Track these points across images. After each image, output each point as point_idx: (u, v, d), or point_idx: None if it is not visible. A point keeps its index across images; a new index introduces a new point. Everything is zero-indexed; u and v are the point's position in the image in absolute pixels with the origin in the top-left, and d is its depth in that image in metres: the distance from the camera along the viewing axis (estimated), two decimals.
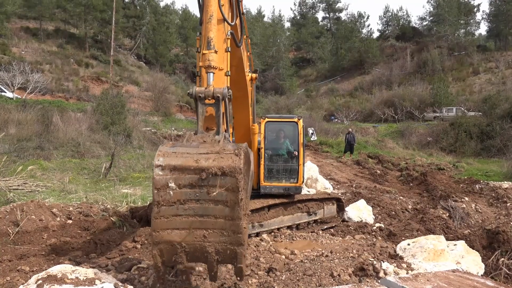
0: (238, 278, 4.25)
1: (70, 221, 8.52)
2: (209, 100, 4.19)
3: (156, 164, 3.81)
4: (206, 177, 3.76)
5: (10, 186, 11.69)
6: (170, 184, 3.81)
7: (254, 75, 8.30)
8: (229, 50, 4.79)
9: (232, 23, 4.96)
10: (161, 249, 3.97)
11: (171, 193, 3.83)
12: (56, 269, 4.91)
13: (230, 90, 4.30)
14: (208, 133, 4.22)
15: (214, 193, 3.78)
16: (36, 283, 4.61)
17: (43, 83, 31.11)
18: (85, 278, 4.77)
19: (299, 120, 9.20)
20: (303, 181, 9.39)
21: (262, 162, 8.91)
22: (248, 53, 7.90)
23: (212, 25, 4.47)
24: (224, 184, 3.76)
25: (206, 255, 3.97)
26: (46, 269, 5.18)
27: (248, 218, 4.35)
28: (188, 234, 3.90)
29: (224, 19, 4.73)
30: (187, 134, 4.23)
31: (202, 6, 4.76)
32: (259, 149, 9.02)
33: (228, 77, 4.69)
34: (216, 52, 4.37)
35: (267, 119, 9.19)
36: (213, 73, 4.33)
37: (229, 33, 4.82)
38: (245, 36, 6.75)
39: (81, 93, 37.36)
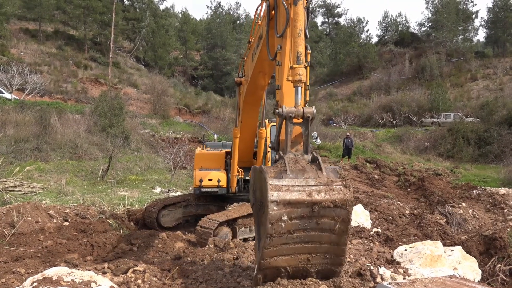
0: None
1: (66, 223, 8.49)
2: (297, 119, 4.29)
3: (271, 200, 3.88)
4: (319, 210, 3.97)
5: (7, 188, 11.66)
6: (283, 218, 3.94)
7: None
8: (309, 64, 4.70)
9: (308, 38, 4.85)
10: (266, 274, 4.19)
11: (283, 225, 3.98)
12: (52, 272, 4.89)
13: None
14: (297, 152, 4.35)
15: (325, 224, 4.03)
16: (31, 285, 4.58)
17: (41, 85, 31.07)
18: (81, 280, 4.74)
19: None
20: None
21: (269, 165, 8.88)
22: None
23: (301, 40, 4.47)
24: (334, 214, 4.01)
25: (307, 275, 4.25)
26: (41, 271, 5.15)
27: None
28: (292, 259, 4.14)
29: (306, 35, 4.65)
30: (284, 158, 4.23)
31: (278, 19, 4.78)
32: (265, 153, 8.98)
33: (308, 91, 4.65)
34: (305, 66, 4.41)
35: (272, 123, 9.19)
36: (301, 87, 4.37)
37: (309, 48, 4.70)
38: None
39: (80, 95, 37.32)
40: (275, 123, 9.22)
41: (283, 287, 4.17)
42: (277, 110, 4.39)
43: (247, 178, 9.36)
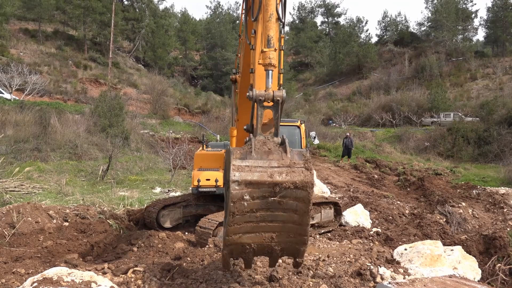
0: (296, 269, 4.97)
1: (66, 224, 8.49)
2: (267, 103, 4.41)
3: (232, 180, 4.04)
4: (280, 190, 4.07)
5: (7, 188, 11.66)
6: (245, 197, 4.10)
7: None
8: (283, 48, 4.86)
9: (284, 22, 4.91)
10: (231, 250, 4.40)
11: (245, 204, 4.13)
12: (52, 272, 4.89)
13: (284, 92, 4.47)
14: (267, 135, 4.46)
15: (287, 205, 4.14)
16: (31, 285, 4.58)
17: (41, 85, 31.07)
18: (81, 281, 4.74)
19: (301, 124, 9.19)
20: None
21: None
22: None
23: (272, 24, 4.51)
24: (295, 195, 4.10)
25: (272, 252, 4.44)
26: (41, 272, 5.15)
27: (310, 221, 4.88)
28: (258, 236, 4.31)
29: (279, 18, 4.68)
30: (251, 140, 4.35)
31: (254, 4, 4.74)
32: None
33: (282, 74, 4.76)
34: (275, 50, 4.44)
35: None
36: (272, 70, 4.42)
37: (283, 32, 4.83)
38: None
39: (79, 95, 37.30)
40: None
41: (283, 287, 4.25)
42: (247, 94, 4.45)
43: None
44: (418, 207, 13.13)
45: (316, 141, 29.54)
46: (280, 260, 6.61)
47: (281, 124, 10.24)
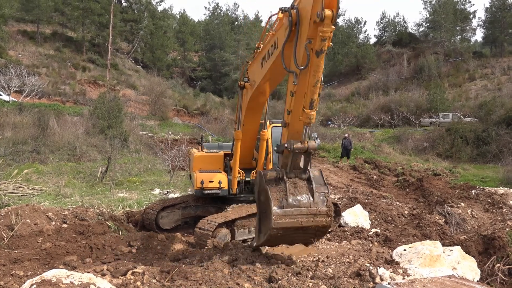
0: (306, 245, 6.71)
1: (65, 225, 8.48)
2: (301, 150, 5.45)
3: (272, 227, 5.53)
4: (306, 229, 5.72)
5: (5, 190, 11.64)
6: (280, 232, 5.68)
7: None
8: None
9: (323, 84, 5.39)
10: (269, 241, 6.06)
11: (279, 233, 5.71)
12: (51, 274, 4.88)
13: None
14: (296, 172, 5.65)
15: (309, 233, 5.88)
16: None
17: (39, 87, 31.05)
18: (80, 282, 4.73)
19: None
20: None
21: (271, 166, 8.89)
22: None
23: (317, 89, 5.09)
24: (317, 231, 5.83)
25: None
26: (40, 274, 5.14)
27: None
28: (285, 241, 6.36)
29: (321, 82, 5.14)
30: (286, 183, 5.57)
31: (297, 53, 5.11)
32: (267, 154, 8.99)
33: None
34: (316, 111, 5.21)
35: (273, 124, 9.19)
36: (309, 127, 5.37)
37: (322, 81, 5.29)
38: None
39: (78, 96, 37.25)
40: (276, 124, 9.23)
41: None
42: (285, 145, 5.45)
43: (247, 179, 9.37)
44: (417, 208, 13.13)
45: (318, 142, 29.57)
46: (279, 262, 6.62)
47: (280, 125, 10.28)
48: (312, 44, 4.89)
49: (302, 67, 5.06)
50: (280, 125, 9.40)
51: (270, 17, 6.45)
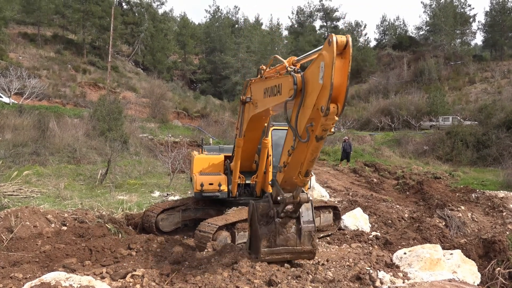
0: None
1: (65, 228, 8.46)
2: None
3: (261, 261, 6.07)
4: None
5: (5, 192, 11.62)
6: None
7: None
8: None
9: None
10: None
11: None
12: (50, 277, 4.87)
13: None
14: (287, 214, 6.03)
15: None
16: None
17: (40, 89, 31.09)
18: (79, 285, 4.72)
19: None
20: (309, 187, 9.37)
21: (270, 169, 8.88)
22: None
23: (314, 163, 5.35)
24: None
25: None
26: (39, 277, 5.13)
27: None
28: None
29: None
30: (278, 223, 6.06)
31: (297, 127, 5.13)
32: (268, 156, 8.98)
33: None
34: (310, 177, 5.53)
35: (273, 127, 9.18)
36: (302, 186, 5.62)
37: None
38: None
39: (78, 99, 37.29)
40: (277, 127, 9.23)
41: None
42: (279, 198, 5.83)
43: (247, 182, 9.37)
44: (417, 211, 13.12)
45: None
46: (279, 265, 6.62)
47: (280, 128, 10.25)
48: (314, 127, 4.77)
49: (303, 140, 4.97)
50: (280, 128, 9.44)
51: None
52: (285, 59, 6.26)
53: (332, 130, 4.88)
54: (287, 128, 9.76)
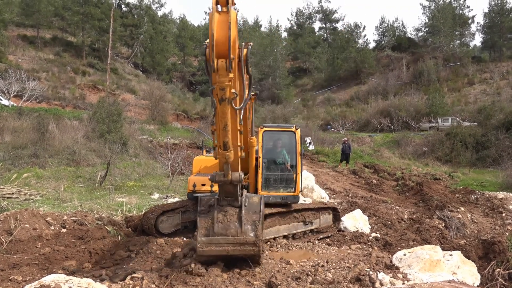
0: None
1: (64, 230, 8.45)
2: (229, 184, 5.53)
3: (198, 254, 5.73)
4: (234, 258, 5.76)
5: (4, 194, 11.61)
6: (209, 258, 5.82)
7: (253, 97, 8.51)
8: (242, 133, 5.57)
9: (242, 106, 5.33)
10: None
11: (210, 259, 5.85)
12: (50, 279, 4.87)
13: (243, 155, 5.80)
14: (228, 201, 5.74)
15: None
16: None
17: (39, 91, 31.06)
18: (78, 287, 4.71)
19: (296, 129, 9.20)
20: (300, 190, 9.36)
21: (260, 171, 8.89)
22: (247, 75, 8.00)
23: (227, 132, 5.09)
24: (248, 259, 5.89)
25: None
26: (39, 279, 5.12)
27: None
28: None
29: (235, 110, 5.10)
30: (215, 213, 5.67)
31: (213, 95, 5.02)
32: (257, 159, 9.01)
33: (242, 150, 5.79)
34: (231, 150, 5.21)
35: (264, 129, 9.19)
36: (229, 163, 5.34)
37: (241, 120, 5.44)
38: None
39: (78, 101, 37.27)
40: (268, 128, 9.27)
41: None
42: (209, 178, 5.65)
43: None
44: (417, 212, 13.12)
45: (312, 147, 29.47)
46: (279, 266, 6.61)
47: (276, 129, 10.28)
48: (216, 91, 4.79)
49: (212, 109, 5.03)
50: (272, 129, 9.48)
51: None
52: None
53: (233, 90, 4.79)
54: (278, 129, 9.86)
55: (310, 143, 29.84)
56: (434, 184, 17.45)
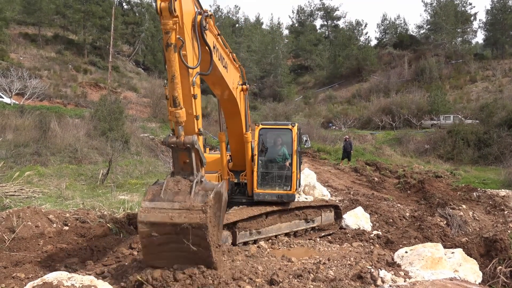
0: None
1: (66, 228, 8.47)
2: (181, 147, 5.01)
3: (139, 220, 4.87)
4: (181, 230, 4.79)
5: (7, 192, 11.63)
6: (153, 234, 4.88)
7: (245, 87, 8.37)
8: (196, 97, 5.17)
9: (196, 66, 5.14)
10: (152, 266, 5.16)
11: (155, 239, 4.90)
12: (52, 276, 4.88)
13: (201, 130, 5.27)
14: (183, 173, 5.15)
15: (189, 240, 4.84)
16: None
17: (41, 89, 31.09)
18: (81, 285, 4.73)
19: (293, 127, 9.19)
20: (296, 189, 9.34)
21: (255, 169, 8.88)
22: (237, 65, 7.99)
23: (176, 84, 4.79)
24: (195, 234, 4.82)
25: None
26: (41, 276, 5.14)
27: (220, 248, 5.47)
28: (171, 261, 5.08)
29: (188, 68, 4.94)
30: (166, 180, 5.09)
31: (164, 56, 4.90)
32: (253, 156, 9.00)
33: (198, 120, 5.24)
34: (182, 108, 4.85)
35: (261, 126, 9.19)
36: (182, 126, 4.90)
37: (194, 81, 5.11)
38: (228, 52, 6.91)
39: (79, 99, 37.31)
40: (264, 126, 9.26)
41: None
42: (162, 140, 5.25)
43: (235, 181, 9.39)
44: (419, 210, 13.12)
45: (308, 144, 29.53)
46: (280, 263, 6.62)
47: (273, 127, 10.26)
48: (163, 37, 4.74)
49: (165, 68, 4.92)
50: (268, 126, 9.48)
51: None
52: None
53: (179, 36, 4.70)
54: (274, 127, 9.83)
55: (306, 140, 29.82)
56: (435, 182, 17.44)
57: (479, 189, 15.39)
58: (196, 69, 5.15)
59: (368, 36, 75.44)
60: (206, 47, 5.48)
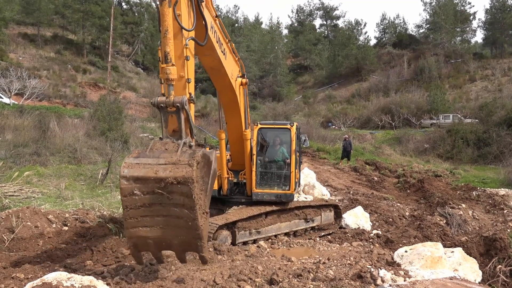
0: (204, 265, 5.25)
1: (66, 228, 8.46)
2: (170, 108, 4.79)
3: (121, 175, 4.49)
4: (165, 186, 4.39)
5: (6, 193, 11.62)
6: (135, 192, 4.49)
7: (244, 80, 8.22)
8: (189, 58, 5.05)
9: (190, 29, 5.10)
10: (135, 242, 4.74)
11: (137, 198, 4.51)
12: (51, 277, 4.87)
13: (193, 96, 4.95)
14: (172, 138, 4.84)
15: (175, 199, 4.45)
16: None
17: (40, 89, 31.10)
18: (80, 285, 4.72)
19: (292, 126, 9.18)
20: (295, 189, 9.33)
21: (254, 168, 8.87)
22: (237, 58, 7.95)
23: (168, 40, 4.73)
24: (180, 191, 4.39)
25: (172, 246, 4.76)
26: (41, 277, 5.13)
27: (207, 216, 4.97)
28: (155, 230, 4.64)
29: (182, 28, 4.88)
30: (152, 141, 4.85)
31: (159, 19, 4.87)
32: (252, 156, 9.00)
33: (189, 83, 5.07)
34: (173, 65, 4.75)
35: (260, 125, 9.18)
36: (172, 84, 4.76)
37: (187, 42, 5.01)
38: (227, 40, 6.91)
39: (79, 99, 37.31)
40: (263, 125, 9.25)
41: None
42: (151, 101, 4.96)
43: (235, 180, 9.39)
44: (418, 209, 13.12)
45: (307, 144, 29.53)
46: (280, 263, 6.61)
47: (272, 127, 10.25)
48: None
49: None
50: (266, 126, 9.47)
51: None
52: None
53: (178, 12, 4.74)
54: (273, 126, 9.82)
55: (305, 140, 29.82)
56: (435, 181, 17.46)
57: (478, 188, 15.40)
58: (190, 32, 5.12)
59: (368, 36, 75.26)
60: (202, 21, 5.46)
